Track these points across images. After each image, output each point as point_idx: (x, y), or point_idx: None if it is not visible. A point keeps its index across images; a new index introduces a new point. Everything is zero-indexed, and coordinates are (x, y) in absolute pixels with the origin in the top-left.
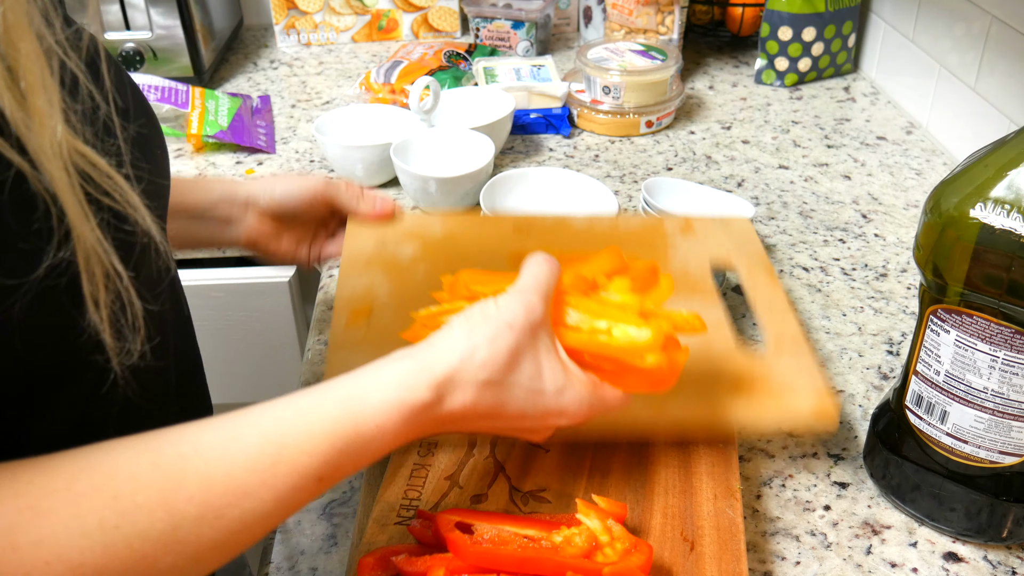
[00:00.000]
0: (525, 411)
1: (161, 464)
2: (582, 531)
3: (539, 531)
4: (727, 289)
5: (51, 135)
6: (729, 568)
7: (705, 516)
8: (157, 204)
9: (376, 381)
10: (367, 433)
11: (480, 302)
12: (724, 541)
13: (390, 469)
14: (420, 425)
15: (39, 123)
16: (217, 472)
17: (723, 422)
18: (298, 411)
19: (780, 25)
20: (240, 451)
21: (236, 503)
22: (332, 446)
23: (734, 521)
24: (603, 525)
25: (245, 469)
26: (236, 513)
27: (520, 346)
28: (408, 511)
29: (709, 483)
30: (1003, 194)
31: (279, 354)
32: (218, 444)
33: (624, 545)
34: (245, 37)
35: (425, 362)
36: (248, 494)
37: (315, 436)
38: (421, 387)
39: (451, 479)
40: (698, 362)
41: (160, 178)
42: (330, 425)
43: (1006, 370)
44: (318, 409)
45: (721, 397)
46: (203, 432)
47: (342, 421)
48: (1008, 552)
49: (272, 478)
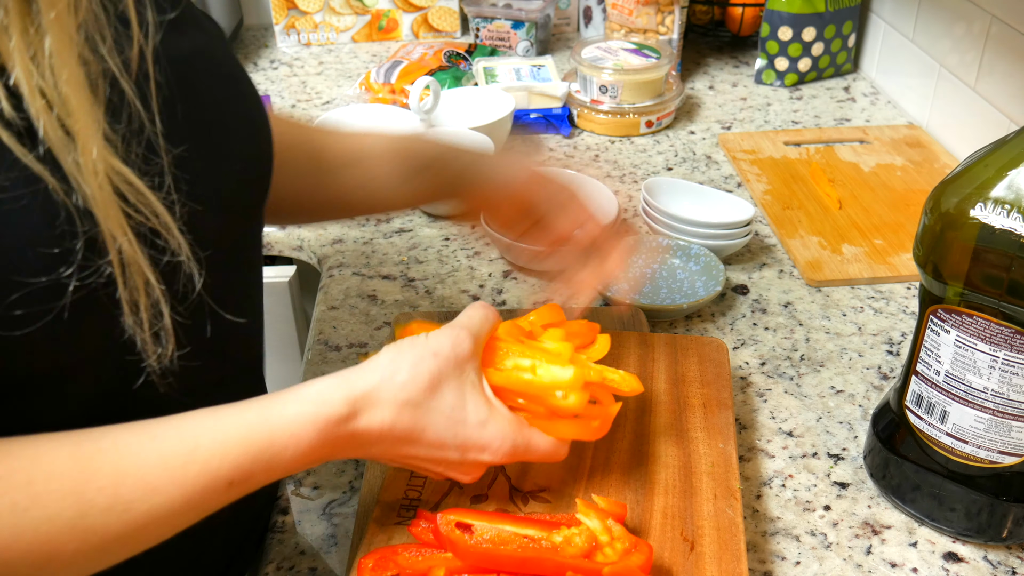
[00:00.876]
0: (444, 440)
1: (78, 456)
2: (582, 531)
3: (539, 531)
4: (727, 289)
5: (88, 156)
6: (729, 568)
7: (705, 516)
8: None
9: (296, 394)
10: (280, 442)
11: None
12: (724, 541)
13: (390, 470)
14: (335, 440)
15: (80, 144)
16: (130, 467)
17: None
18: (217, 418)
19: (780, 25)
20: (155, 449)
21: (145, 498)
22: (245, 451)
23: (734, 521)
24: (603, 525)
25: (157, 466)
26: (144, 507)
27: (443, 374)
28: (408, 511)
29: (709, 483)
30: (1003, 194)
31: (279, 354)
32: (135, 442)
33: (624, 545)
34: (245, 37)
35: (346, 379)
36: (157, 490)
37: (229, 440)
38: (337, 401)
39: (450, 479)
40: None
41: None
42: (245, 431)
43: (1006, 370)
44: (236, 417)
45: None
46: (125, 431)
47: (257, 428)
48: (1008, 552)
49: (182, 477)
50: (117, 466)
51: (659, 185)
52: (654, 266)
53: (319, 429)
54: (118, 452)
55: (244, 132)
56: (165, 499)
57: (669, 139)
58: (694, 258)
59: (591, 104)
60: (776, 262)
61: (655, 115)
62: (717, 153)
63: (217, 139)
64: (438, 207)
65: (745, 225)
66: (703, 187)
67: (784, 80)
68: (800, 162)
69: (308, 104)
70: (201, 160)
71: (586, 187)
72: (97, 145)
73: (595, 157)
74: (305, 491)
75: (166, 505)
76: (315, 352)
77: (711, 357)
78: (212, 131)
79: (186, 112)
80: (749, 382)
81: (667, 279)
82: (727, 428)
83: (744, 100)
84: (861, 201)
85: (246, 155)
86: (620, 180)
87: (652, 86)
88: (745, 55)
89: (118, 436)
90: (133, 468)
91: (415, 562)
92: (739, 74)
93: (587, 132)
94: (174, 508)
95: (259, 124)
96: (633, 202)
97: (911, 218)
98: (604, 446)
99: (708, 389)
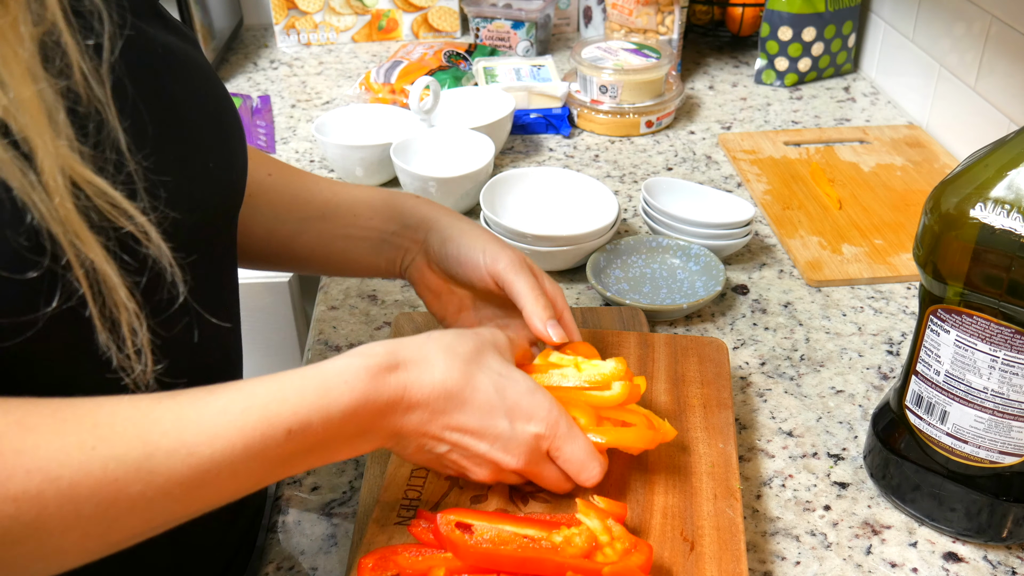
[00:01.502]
0: (493, 403)
1: (139, 405)
2: (582, 531)
3: (539, 531)
4: (727, 289)
5: (50, 171)
6: (729, 568)
7: (705, 516)
8: (193, 215)
9: (341, 355)
10: (335, 388)
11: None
12: (724, 541)
13: (390, 469)
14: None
15: (39, 160)
16: (191, 414)
17: None
18: (271, 378)
19: (780, 25)
20: (214, 400)
21: (208, 442)
22: (301, 398)
23: (734, 521)
24: (603, 525)
25: (218, 412)
26: (207, 452)
27: (484, 345)
28: (408, 511)
29: (709, 483)
30: (1003, 194)
31: (279, 354)
32: (194, 396)
33: (624, 545)
34: (245, 37)
35: (390, 342)
36: (219, 435)
37: (285, 389)
38: (381, 353)
39: (451, 479)
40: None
41: (207, 183)
42: (299, 381)
43: (1006, 370)
44: (290, 374)
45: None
46: (182, 393)
47: (311, 377)
48: (1008, 552)
49: (242, 423)
50: (179, 413)
51: (659, 185)
52: (653, 266)
53: (371, 375)
54: (178, 404)
55: (217, 136)
56: (227, 444)
57: (669, 139)
58: (694, 258)
59: (591, 104)
60: (776, 262)
61: (655, 115)
62: (717, 153)
63: (191, 144)
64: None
65: (745, 225)
66: (703, 187)
67: (784, 80)
68: (800, 162)
69: (308, 104)
70: (176, 166)
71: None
72: (57, 162)
73: (595, 157)
74: (305, 491)
75: (228, 451)
76: (315, 352)
77: (711, 357)
78: (186, 136)
79: (159, 118)
80: (749, 382)
81: (667, 279)
82: (727, 428)
83: (744, 100)
84: (861, 201)
85: (220, 159)
86: (620, 180)
87: (652, 86)
88: (745, 55)
89: (176, 394)
90: (195, 415)
91: (415, 562)
92: (739, 74)
93: (587, 132)
94: (236, 454)
95: (231, 127)
96: (633, 202)
97: (911, 218)
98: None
99: (708, 389)
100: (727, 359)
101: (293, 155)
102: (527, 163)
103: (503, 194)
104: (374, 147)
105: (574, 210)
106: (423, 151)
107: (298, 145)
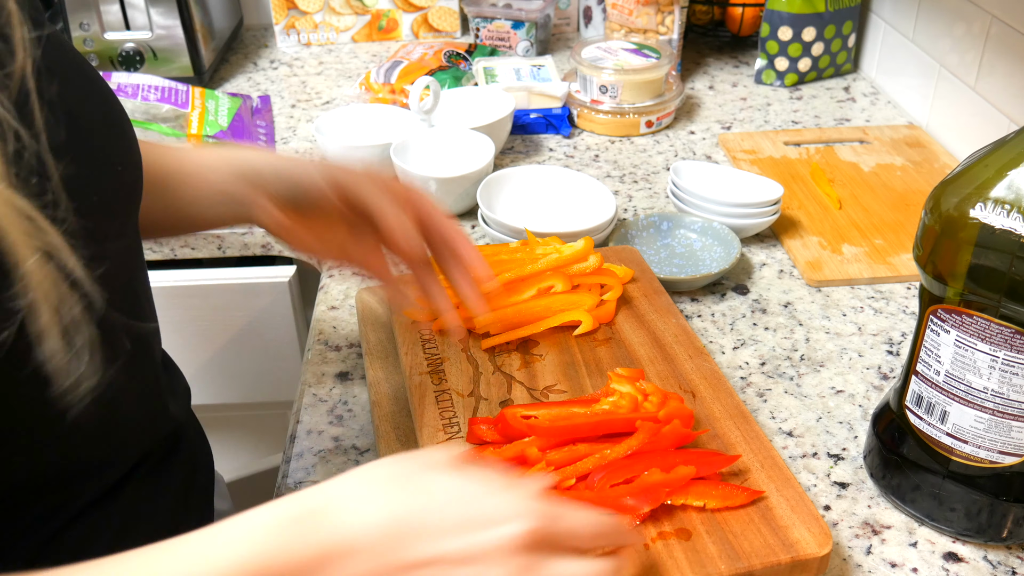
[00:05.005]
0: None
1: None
2: (624, 394)
3: (586, 408)
4: (727, 289)
5: None
6: (727, 402)
7: (691, 371)
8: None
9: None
10: (214, 553)
11: None
12: (714, 385)
13: (415, 401)
14: (296, 544)
15: None
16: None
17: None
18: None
19: (780, 25)
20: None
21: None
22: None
23: (713, 370)
24: (634, 387)
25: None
26: None
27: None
28: (452, 427)
29: (680, 349)
30: (1003, 194)
31: (279, 354)
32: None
33: (658, 397)
34: (245, 37)
35: (309, 488)
36: None
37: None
38: (289, 500)
39: (474, 395)
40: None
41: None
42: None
43: (1006, 370)
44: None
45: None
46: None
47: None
48: (1008, 552)
49: None
50: None
51: (686, 168)
52: (668, 240)
53: (272, 529)
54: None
55: (112, 133)
56: None
57: (669, 139)
58: (711, 233)
59: (591, 104)
60: (776, 262)
61: (655, 115)
62: (717, 153)
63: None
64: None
65: (774, 204)
66: (732, 169)
67: (784, 80)
68: (800, 162)
69: (308, 104)
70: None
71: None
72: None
73: (595, 157)
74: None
75: None
76: (315, 352)
77: (631, 259)
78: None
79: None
80: (749, 382)
81: (683, 253)
82: (670, 307)
83: (744, 100)
84: (861, 201)
85: (119, 157)
86: (620, 180)
87: (652, 86)
88: (745, 55)
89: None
90: None
91: (503, 450)
92: (739, 74)
93: (587, 132)
94: None
95: (121, 121)
96: (633, 202)
97: (911, 218)
98: (587, 343)
99: (640, 283)
100: (641, 256)
101: (293, 155)
102: (527, 163)
103: (502, 193)
104: (374, 147)
105: (571, 208)
106: (423, 151)
107: (298, 145)
